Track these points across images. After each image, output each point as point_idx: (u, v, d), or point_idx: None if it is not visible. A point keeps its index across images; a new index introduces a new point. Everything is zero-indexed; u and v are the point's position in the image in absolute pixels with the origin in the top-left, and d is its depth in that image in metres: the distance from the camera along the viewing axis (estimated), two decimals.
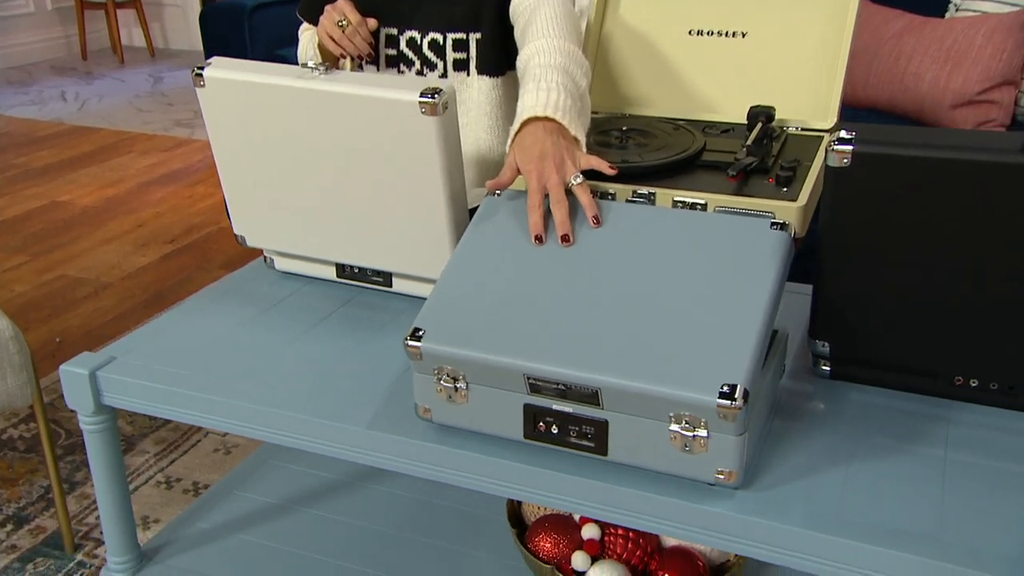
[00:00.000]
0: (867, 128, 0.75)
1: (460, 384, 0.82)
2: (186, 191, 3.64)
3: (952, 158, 0.69)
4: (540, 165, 0.91)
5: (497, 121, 1.33)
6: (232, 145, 1.07)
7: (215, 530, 1.16)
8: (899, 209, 0.74)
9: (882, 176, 0.73)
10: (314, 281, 1.17)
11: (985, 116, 1.99)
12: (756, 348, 0.74)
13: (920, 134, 0.73)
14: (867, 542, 0.70)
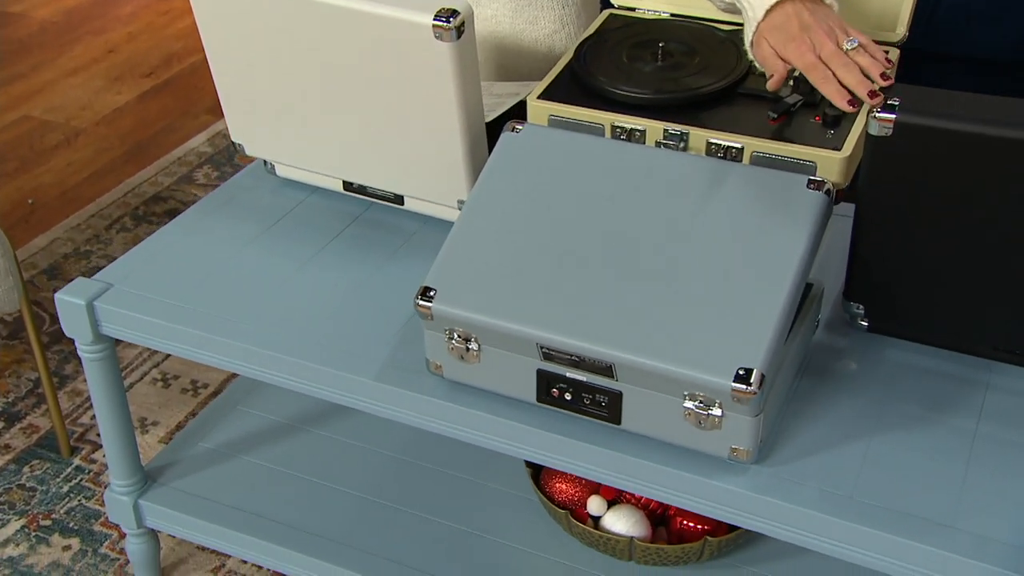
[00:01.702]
0: (913, 93, 0.81)
1: (472, 345, 0.93)
2: (161, 5, 3.64)
3: (998, 135, 0.76)
4: (805, 37, 0.92)
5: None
6: (228, 51, 1.14)
7: (218, 450, 1.32)
8: (940, 180, 0.81)
9: (924, 147, 0.80)
10: (319, 191, 1.26)
11: None
12: (777, 330, 0.84)
13: (970, 103, 0.79)
14: (878, 528, 0.83)
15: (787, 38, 0.93)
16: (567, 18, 1.44)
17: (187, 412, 1.70)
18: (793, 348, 0.93)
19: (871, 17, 1.12)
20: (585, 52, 1.11)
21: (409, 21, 1.00)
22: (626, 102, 1.04)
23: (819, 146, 0.96)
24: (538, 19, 1.42)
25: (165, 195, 2.50)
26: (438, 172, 1.12)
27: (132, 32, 3.36)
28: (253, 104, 1.18)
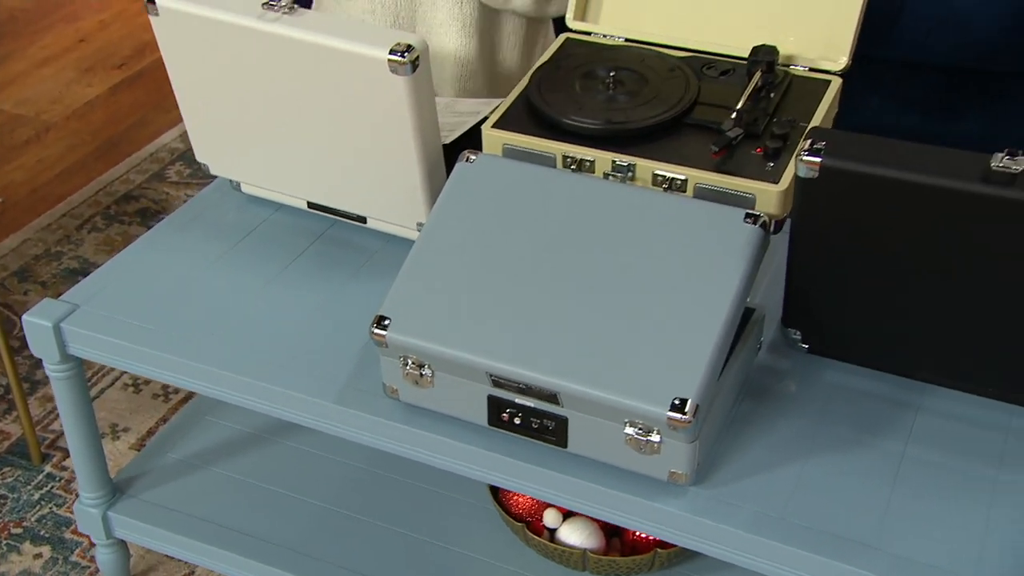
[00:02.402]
0: (838, 138, 0.87)
1: (426, 371, 0.99)
2: None
3: (916, 181, 0.83)
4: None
5: (468, 22, 1.43)
6: (190, 76, 1.19)
7: (186, 461, 1.38)
8: (863, 219, 0.88)
9: (847, 188, 0.86)
10: (284, 208, 1.32)
11: None
12: (711, 361, 0.90)
13: (890, 149, 0.85)
14: (806, 549, 0.89)
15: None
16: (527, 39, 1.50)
17: (158, 418, 1.76)
18: (732, 374, 0.99)
19: (816, 46, 1.17)
20: (539, 80, 1.17)
21: (365, 55, 1.05)
22: (576, 132, 1.10)
23: (758, 179, 1.02)
24: (496, 42, 1.48)
25: (137, 193, 2.54)
26: (397, 196, 1.18)
27: (104, 20, 3.38)
28: (217, 127, 1.23)
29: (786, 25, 1.20)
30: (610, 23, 1.27)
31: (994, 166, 0.81)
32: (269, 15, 1.09)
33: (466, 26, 1.44)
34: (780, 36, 1.20)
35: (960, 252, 0.86)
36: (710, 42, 1.21)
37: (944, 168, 0.82)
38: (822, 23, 1.17)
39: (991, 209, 0.81)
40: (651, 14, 1.25)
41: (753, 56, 1.14)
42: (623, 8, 1.27)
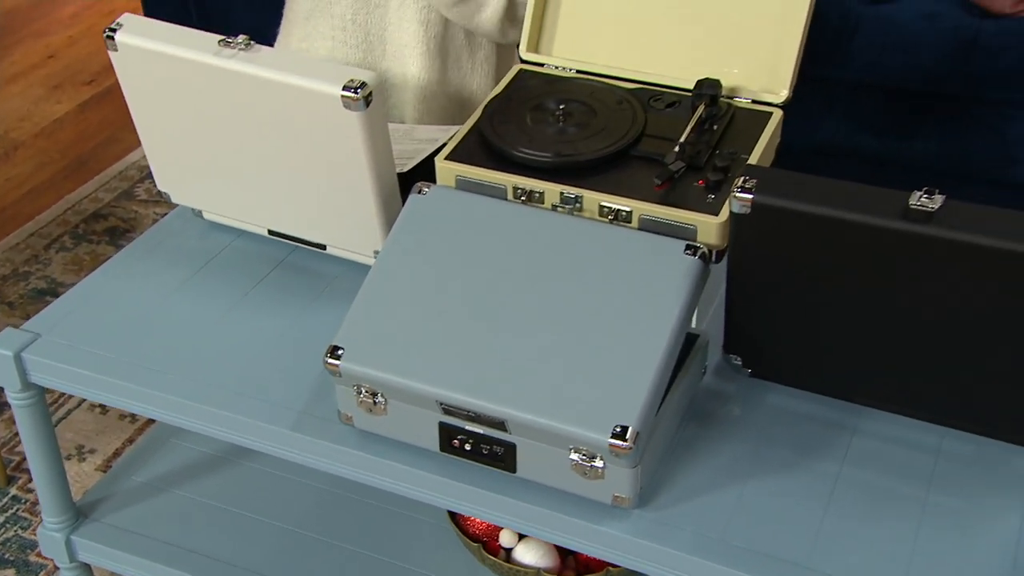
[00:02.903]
0: (770, 175, 0.92)
1: (379, 399, 1.02)
2: (104, 5, 3.66)
3: (840, 217, 0.87)
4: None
5: (432, 45, 1.47)
6: (150, 109, 1.22)
7: (150, 484, 1.40)
8: (794, 252, 0.92)
9: (778, 224, 0.90)
10: (245, 234, 1.35)
11: None
12: (652, 389, 0.94)
13: (817, 187, 0.90)
14: (743, 569, 0.93)
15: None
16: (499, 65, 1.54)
17: (124, 439, 1.78)
18: (675, 399, 1.03)
19: (759, 79, 1.22)
20: (492, 112, 1.20)
21: (319, 91, 1.08)
22: (526, 164, 1.13)
23: (699, 211, 1.06)
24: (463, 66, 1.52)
25: (105, 212, 2.56)
26: (354, 225, 1.21)
27: (73, 36, 3.40)
28: (177, 158, 1.26)
29: (731, 58, 1.24)
30: (562, 55, 1.31)
31: (912, 204, 0.85)
32: (226, 52, 1.12)
33: (430, 49, 1.48)
34: (725, 68, 1.24)
35: (883, 284, 0.90)
36: (659, 74, 1.25)
37: (866, 205, 0.86)
38: (764, 57, 1.22)
39: (910, 244, 0.85)
40: (602, 46, 1.29)
41: (697, 89, 1.18)
42: (575, 40, 1.31)
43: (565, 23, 1.31)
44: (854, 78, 2.04)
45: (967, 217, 0.84)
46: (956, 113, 1.99)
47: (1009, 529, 0.95)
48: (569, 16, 1.30)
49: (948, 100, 1.99)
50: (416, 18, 1.47)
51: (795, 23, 1.19)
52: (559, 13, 1.31)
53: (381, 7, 1.48)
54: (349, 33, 1.50)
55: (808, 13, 1.19)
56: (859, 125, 2.07)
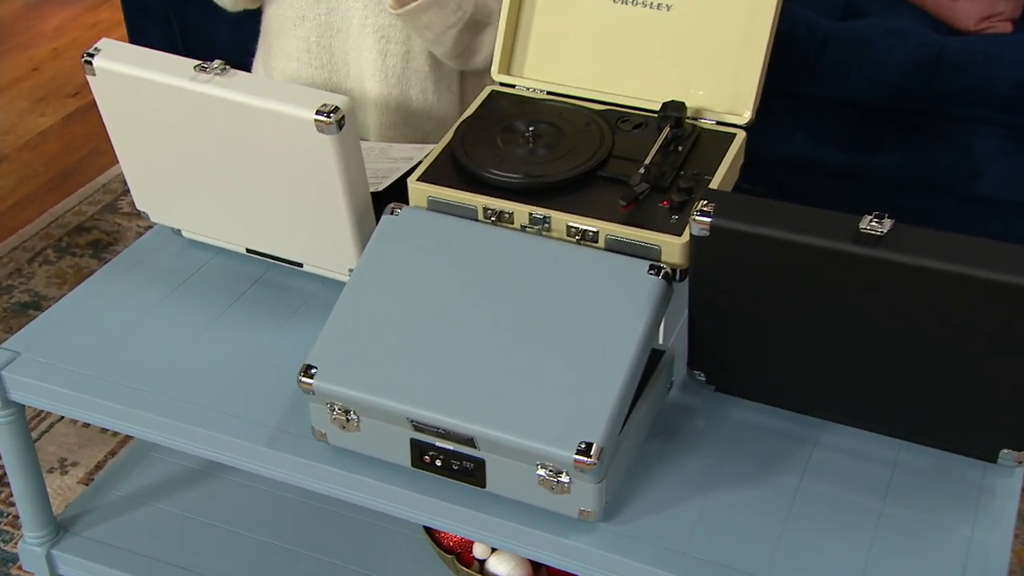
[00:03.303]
0: (728, 199, 0.94)
1: (352, 416, 1.04)
2: (89, 17, 3.67)
3: (793, 240, 0.89)
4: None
5: (390, 73, 1.50)
6: (128, 131, 1.24)
7: (131, 497, 1.42)
8: (752, 272, 0.95)
9: (737, 246, 0.93)
10: (223, 252, 1.36)
11: (991, 9, 2.12)
12: (616, 406, 0.96)
13: (773, 210, 0.92)
14: None
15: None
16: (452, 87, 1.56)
17: (107, 452, 1.79)
18: (640, 415, 1.05)
19: (723, 101, 1.24)
20: (463, 133, 1.22)
21: (293, 116, 1.10)
22: (496, 185, 1.15)
23: (663, 231, 1.08)
24: (428, 90, 1.54)
25: (89, 225, 2.57)
26: (329, 244, 1.23)
27: (58, 48, 3.40)
28: (155, 178, 1.28)
29: (696, 80, 1.26)
30: (533, 76, 1.33)
31: (862, 228, 0.88)
32: (202, 76, 1.14)
33: (388, 77, 1.50)
34: (691, 90, 1.26)
35: (837, 304, 0.93)
36: (627, 95, 1.28)
37: (819, 229, 0.89)
38: (728, 79, 1.24)
39: (860, 266, 0.88)
40: (572, 68, 1.31)
41: (663, 111, 1.20)
42: (546, 62, 1.33)
43: (536, 45, 1.33)
44: (822, 93, 2.07)
45: (914, 241, 0.86)
46: (921, 128, 2.02)
47: (960, 540, 0.97)
48: (540, 38, 1.32)
49: (913, 115, 2.02)
50: (375, 47, 1.49)
51: (757, 47, 1.22)
52: (530, 35, 1.33)
53: (343, 32, 1.50)
54: (314, 55, 1.52)
55: (770, 38, 1.22)
56: (827, 139, 2.10)
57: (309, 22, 1.51)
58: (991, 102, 1.95)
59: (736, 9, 1.23)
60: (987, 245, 0.85)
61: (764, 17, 1.21)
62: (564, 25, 1.31)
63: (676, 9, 1.26)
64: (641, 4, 1.28)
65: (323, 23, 1.50)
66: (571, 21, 1.31)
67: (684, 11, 1.26)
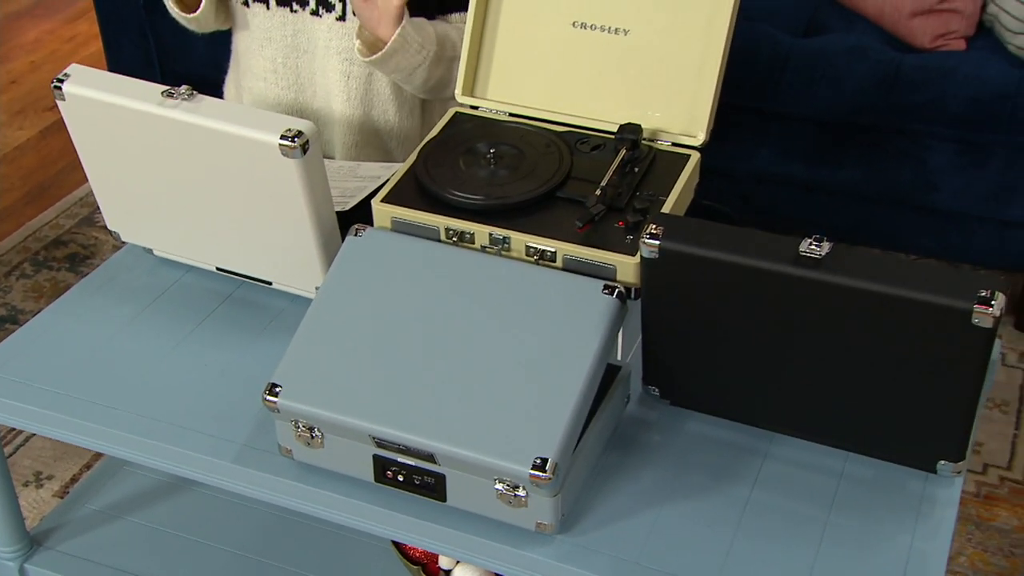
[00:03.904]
0: (676, 223, 0.97)
1: (316, 433, 1.06)
2: (66, 30, 3.67)
3: (738, 262, 0.93)
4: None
5: (353, 96, 1.52)
6: (98, 154, 1.26)
7: (104, 511, 1.43)
8: (701, 292, 0.98)
9: (685, 267, 0.96)
10: (194, 270, 1.38)
11: (945, 27, 2.16)
12: (570, 422, 0.99)
13: (722, 233, 0.95)
14: None
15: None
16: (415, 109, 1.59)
17: (82, 465, 1.80)
18: (596, 429, 1.08)
19: (678, 123, 1.27)
20: (426, 155, 1.25)
21: (258, 140, 1.12)
22: (457, 206, 1.18)
23: (618, 251, 1.11)
24: (387, 111, 1.57)
25: (66, 239, 2.58)
26: (297, 263, 1.25)
27: (35, 61, 3.40)
28: (126, 200, 1.30)
29: (653, 102, 1.29)
30: (496, 97, 1.36)
31: (802, 251, 0.91)
32: (169, 102, 1.16)
33: (351, 98, 1.53)
34: (648, 112, 1.29)
35: (781, 322, 0.96)
36: (587, 117, 1.30)
37: (761, 251, 0.92)
38: (684, 102, 1.27)
39: (800, 287, 0.91)
40: (534, 90, 1.34)
41: (619, 134, 1.23)
42: (508, 83, 1.35)
43: (499, 67, 1.35)
44: (786, 109, 2.11)
45: (851, 263, 0.90)
46: (880, 143, 2.06)
47: (901, 548, 1.00)
48: (503, 61, 1.35)
49: (872, 130, 2.06)
50: (339, 68, 1.51)
51: (711, 71, 1.25)
52: (493, 58, 1.36)
53: (309, 53, 1.53)
54: (280, 75, 1.55)
55: (722, 63, 1.25)
56: (791, 154, 2.14)
57: (275, 43, 1.53)
58: (945, 118, 2.00)
59: (691, 35, 1.26)
60: (920, 267, 0.88)
61: (717, 43, 1.24)
62: (526, 48, 1.34)
63: (633, 34, 1.30)
64: (600, 29, 1.31)
65: (289, 44, 1.53)
66: (533, 44, 1.34)
67: (641, 36, 1.29)
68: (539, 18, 1.33)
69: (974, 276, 0.86)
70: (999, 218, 2.05)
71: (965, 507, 1.84)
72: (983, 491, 1.87)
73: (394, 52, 1.42)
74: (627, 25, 1.30)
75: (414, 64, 1.45)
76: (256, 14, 1.52)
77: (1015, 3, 2.04)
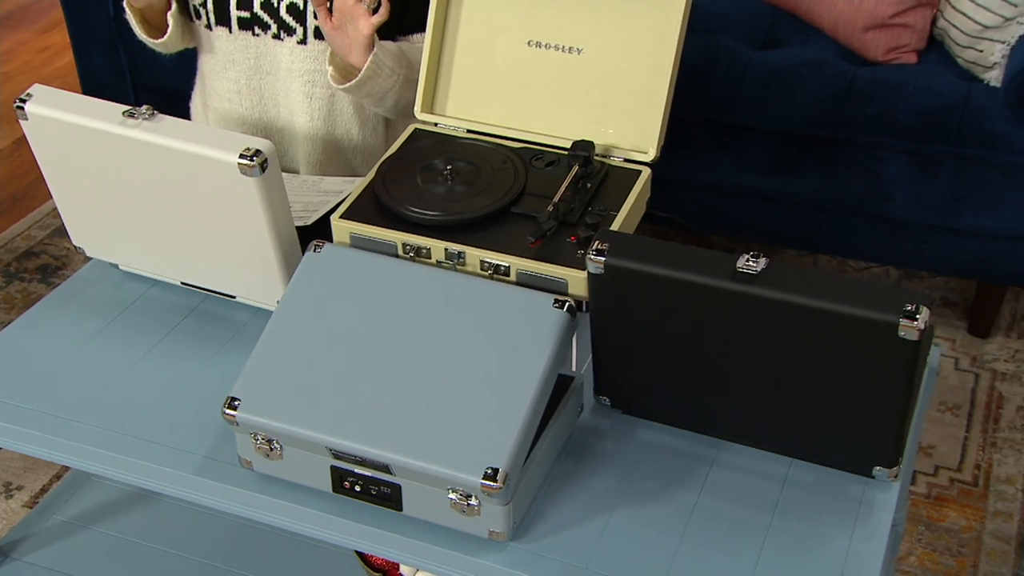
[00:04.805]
0: (620, 240, 1.00)
1: (275, 445, 1.08)
2: (39, 40, 3.66)
3: (678, 277, 0.96)
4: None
5: (316, 116, 1.55)
6: (62, 173, 1.27)
7: (71, 522, 1.45)
8: (646, 307, 1.01)
9: (629, 282, 0.99)
10: (159, 283, 1.39)
11: (897, 41, 2.20)
12: (521, 433, 1.01)
13: (664, 249, 0.98)
14: None
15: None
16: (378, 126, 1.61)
17: (52, 475, 1.81)
18: (548, 439, 1.10)
19: (629, 139, 1.30)
20: (385, 171, 1.27)
21: (217, 159, 1.14)
22: (415, 222, 1.20)
23: (569, 266, 1.13)
24: (350, 130, 1.59)
25: (38, 250, 2.58)
26: (258, 278, 1.27)
27: (8, 72, 3.40)
28: (90, 216, 1.31)
29: (606, 119, 1.32)
30: (455, 114, 1.38)
31: (738, 266, 0.94)
32: (130, 122, 1.17)
33: (314, 118, 1.55)
34: (601, 128, 1.32)
35: (721, 335, 0.99)
36: (542, 133, 1.33)
37: (700, 267, 0.95)
38: (635, 119, 1.30)
39: (737, 302, 0.94)
40: (491, 106, 1.37)
41: (572, 150, 1.26)
42: (467, 101, 1.38)
43: (457, 85, 1.38)
44: (744, 121, 2.15)
45: (785, 278, 0.93)
46: (835, 154, 2.10)
47: (838, 550, 1.03)
48: (461, 78, 1.38)
49: (827, 142, 2.10)
50: (301, 90, 1.53)
51: (660, 90, 1.28)
52: (451, 76, 1.38)
53: (272, 74, 1.55)
54: (244, 96, 1.56)
55: (671, 82, 1.28)
56: (750, 165, 2.17)
57: (239, 65, 1.55)
58: (897, 129, 2.04)
59: (641, 55, 1.29)
60: (850, 282, 0.91)
61: (666, 62, 1.27)
62: (483, 66, 1.36)
63: (586, 53, 1.32)
64: (555, 48, 1.33)
65: (252, 66, 1.54)
66: (490, 63, 1.36)
67: (594, 55, 1.32)
68: (496, 37, 1.35)
69: (901, 291, 0.90)
70: (951, 227, 2.09)
71: (916, 508, 1.88)
72: (934, 492, 1.91)
73: (368, 79, 1.44)
74: (581, 44, 1.33)
75: (386, 88, 1.47)
76: (219, 37, 1.54)
77: (963, 18, 2.08)
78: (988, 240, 2.08)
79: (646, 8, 1.28)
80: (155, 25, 1.55)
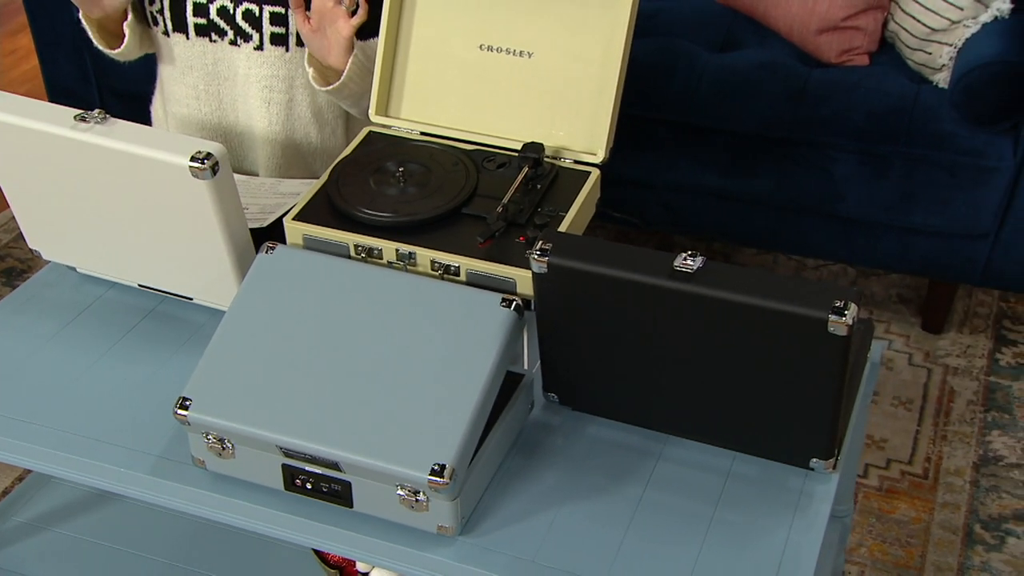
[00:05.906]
0: (564, 240, 1.01)
1: (227, 444, 1.09)
2: (7, 43, 3.63)
3: (618, 276, 0.97)
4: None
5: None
6: (16, 176, 1.27)
7: (32, 523, 1.44)
8: (589, 306, 1.02)
9: (572, 281, 1.00)
10: (117, 286, 1.40)
11: (849, 43, 2.23)
12: (468, 429, 1.02)
13: (605, 249, 1.00)
14: None
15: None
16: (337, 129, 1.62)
17: (14, 477, 1.80)
18: (497, 435, 1.11)
19: (579, 141, 1.31)
20: (338, 174, 1.28)
21: (168, 163, 1.15)
22: (367, 223, 1.21)
23: (517, 265, 1.15)
24: (309, 134, 1.59)
25: (3, 253, 2.57)
26: (213, 279, 1.27)
27: None
28: (45, 219, 1.31)
29: (556, 121, 1.33)
30: (409, 117, 1.39)
31: (676, 265, 0.96)
32: (82, 126, 1.18)
33: (272, 123, 1.56)
34: (552, 131, 1.34)
35: (661, 332, 1.00)
36: (494, 135, 1.35)
37: (639, 266, 0.97)
38: (585, 122, 1.31)
39: (675, 300, 0.96)
40: (445, 109, 1.38)
41: (522, 152, 1.27)
42: (420, 103, 1.39)
43: (411, 88, 1.39)
44: (702, 122, 2.17)
45: (720, 277, 0.94)
46: (790, 154, 2.12)
47: (778, 541, 1.05)
48: (415, 81, 1.39)
49: (782, 142, 2.12)
50: (259, 96, 1.54)
51: (609, 93, 1.29)
52: (405, 78, 1.39)
53: (229, 80, 1.55)
54: (203, 101, 1.57)
55: (619, 84, 1.29)
56: (708, 165, 2.19)
57: (197, 71, 1.55)
58: (849, 130, 2.06)
59: (590, 58, 1.31)
60: (782, 280, 0.93)
61: (614, 65, 1.29)
62: (437, 69, 1.38)
63: (537, 57, 1.34)
64: (506, 51, 1.35)
65: (210, 72, 1.55)
66: (443, 66, 1.37)
67: (544, 59, 1.33)
68: (449, 41, 1.37)
69: (831, 288, 0.92)
70: (901, 225, 2.12)
71: (867, 501, 1.91)
72: (885, 485, 1.94)
73: (349, 81, 1.44)
74: (531, 48, 1.34)
75: (366, 89, 1.47)
76: (177, 43, 1.54)
77: (912, 21, 2.12)
78: (937, 238, 2.11)
79: (594, 12, 1.30)
80: (113, 33, 1.55)
